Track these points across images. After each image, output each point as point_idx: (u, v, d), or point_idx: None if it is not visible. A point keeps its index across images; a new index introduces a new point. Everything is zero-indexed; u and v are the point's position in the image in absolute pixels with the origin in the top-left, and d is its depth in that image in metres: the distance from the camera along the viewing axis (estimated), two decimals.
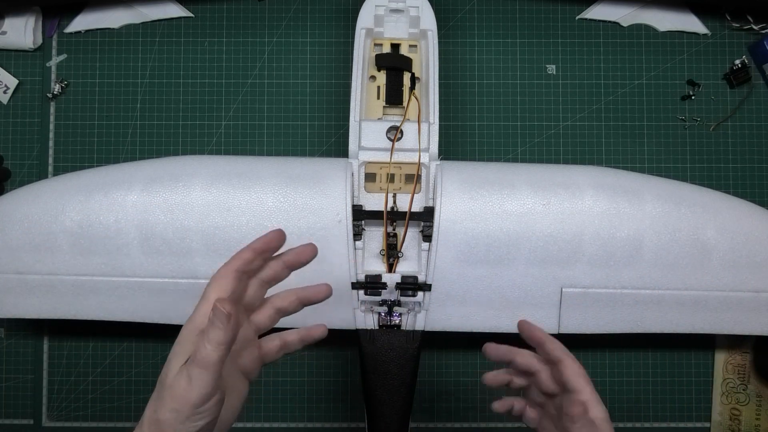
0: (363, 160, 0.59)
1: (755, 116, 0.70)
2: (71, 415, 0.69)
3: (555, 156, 0.69)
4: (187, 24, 0.70)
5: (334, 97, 0.70)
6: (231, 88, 0.70)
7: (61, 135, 0.70)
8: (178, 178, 0.57)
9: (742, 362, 0.69)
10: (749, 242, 0.58)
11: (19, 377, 0.69)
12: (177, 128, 0.70)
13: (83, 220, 0.57)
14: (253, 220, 0.56)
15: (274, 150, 0.69)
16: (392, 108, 0.62)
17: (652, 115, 0.70)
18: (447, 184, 0.56)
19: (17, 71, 0.70)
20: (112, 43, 0.70)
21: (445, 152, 0.66)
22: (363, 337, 0.58)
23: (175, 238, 0.56)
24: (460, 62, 0.70)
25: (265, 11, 0.70)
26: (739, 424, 0.68)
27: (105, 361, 0.69)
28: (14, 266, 0.58)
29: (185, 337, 0.41)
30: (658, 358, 0.69)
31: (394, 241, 0.58)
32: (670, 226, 0.57)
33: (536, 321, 0.58)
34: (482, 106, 0.70)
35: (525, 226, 0.56)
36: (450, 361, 0.69)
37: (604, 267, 0.57)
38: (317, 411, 0.69)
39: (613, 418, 0.68)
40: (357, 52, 0.61)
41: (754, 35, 0.70)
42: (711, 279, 0.58)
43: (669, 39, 0.70)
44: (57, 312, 0.59)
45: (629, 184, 0.58)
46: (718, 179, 0.69)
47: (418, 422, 0.68)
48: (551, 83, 0.70)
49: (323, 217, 0.56)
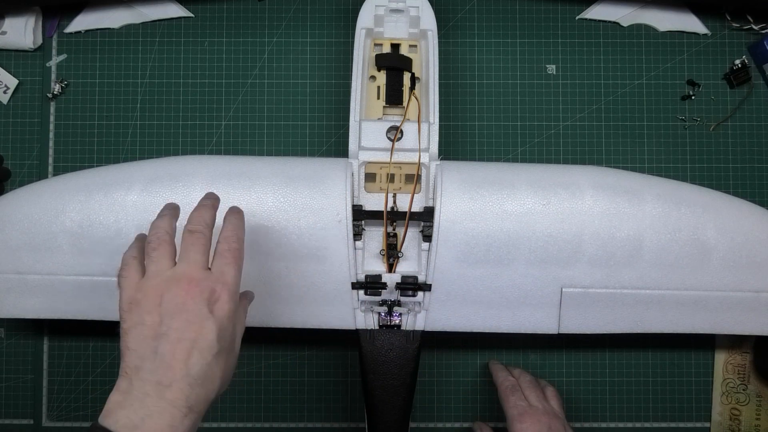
0: (363, 160, 0.59)
1: (755, 116, 0.70)
2: (71, 415, 0.69)
3: (555, 156, 0.69)
4: (187, 24, 0.70)
5: (334, 97, 0.70)
6: (231, 88, 0.70)
7: (61, 135, 0.70)
8: (178, 178, 0.57)
9: (742, 362, 0.69)
10: (749, 242, 0.58)
11: (19, 377, 0.69)
12: (177, 128, 0.70)
13: (83, 220, 0.57)
14: (253, 220, 0.56)
15: (274, 150, 0.69)
16: (392, 108, 0.62)
17: (652, 115, 0.70)
18: (447, 184, 0.56)
19: (17, 71, 0.70)
20: (112, 43, 0.70)
21: (445, 152, 0.66)
22: (363, 337, 0.58)
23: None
24: (460, 62, 0.70)
25: (265, 11, 0.70)
26: (739, 424, 0.68)
27: (105, 361, 0.69)
28: (14, 266, 0.58)
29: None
30: (658, 358, 0.69)
31: (394, 241, 0.58)
32: (670, 226, 0.57)
33: (536, 321, 0.59)
34: (482, 106, 0.70)
35: (525, 226, 0.56)
36: (450, 361, 0.69)
37: (604, 267, 0.57)
38: (317, 411, 0.69)
39: (612, 418, 0.69)
40: (357, 52, 0.61)
41: (754, 35, 0.70)
42: (711, 279, 0.58)
43: (669, 39, 0.70)
44: (57, 312, 0.59)
45: (629, 184, 0.58)
46: (718, 179, 0.69)
47: (418, 422, 0.68)
48: (551, 83, 0.70)
49: (323, 217, 0.56)
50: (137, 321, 0.42)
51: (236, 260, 0.45)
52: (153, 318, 0.42)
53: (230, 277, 0.44)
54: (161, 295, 0.43)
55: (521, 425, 0.56)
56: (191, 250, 0.45)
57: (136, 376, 0.41)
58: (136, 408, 0.40)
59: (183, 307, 0.42)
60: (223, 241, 0.46)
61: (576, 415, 0.68)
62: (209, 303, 0.43)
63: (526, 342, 0.68)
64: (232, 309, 0.44)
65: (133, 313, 0.43)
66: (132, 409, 0.40)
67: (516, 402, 0.58)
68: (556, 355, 0.69)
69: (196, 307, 0.42)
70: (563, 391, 0.67)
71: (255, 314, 0.58)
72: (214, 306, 0.43)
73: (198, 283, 0.43)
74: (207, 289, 0.43)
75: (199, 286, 0.43)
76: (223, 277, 0.44)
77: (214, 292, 0.43)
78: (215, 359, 0.42)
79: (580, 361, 0.69)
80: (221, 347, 0.43)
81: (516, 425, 0.57)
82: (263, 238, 0.56)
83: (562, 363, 0.69)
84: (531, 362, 0.69)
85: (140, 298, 0.43)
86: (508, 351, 0.69)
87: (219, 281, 0.44)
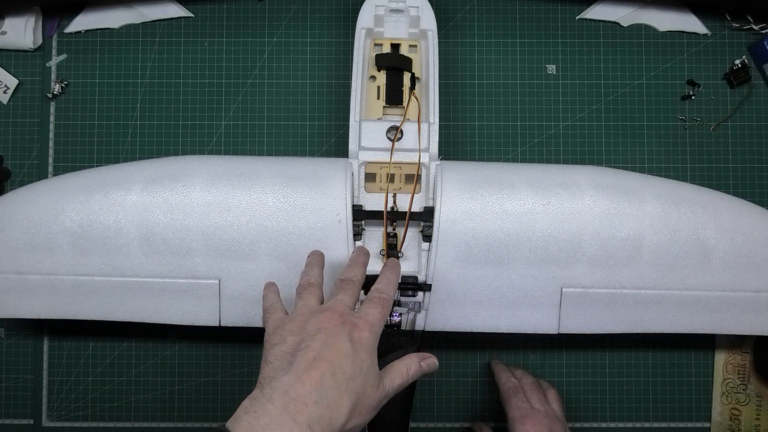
0: (363, 160, 0.59)
1: (755, 116, 0.70)
2: (71, 415, 0.69)
3: (555, 156, 0.69)
4: (187, 24, 0.70)
5: (334, 97, 0.70)
6: (231, 88, 0.70)
7: (61, 135, 0.70)
8: (178, 178, 0.57)
9: (742, 362, 0.69)
10: (749, 242, 0.58)
11: (19, 377, 0.69)
12: (177, 128, 0.70)
13: (83, 220, 0.57)
14: (253, 220, 0.56)
15: (274, 150, 0.69)
16: (392, 108, 0.62)
17: (652, 115, 0.70)
18: (447, 184, 0.56)
19: (17, 71, 0.70)
20: (112, 43, 0.70)
21: (445, 152, 0.66)
22: None
23: (175, 238, 0.56)
24: (460, 62, 0.70)
25: (265, 11, 0.70)
26: (739, 424, 0.68)
27: (105, 361, 0.69)
28: (14, 266, 0.58)
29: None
30: (658, 358, 0.69)
31: (394, 241, 0.58)
32: (670, 226, 0.57)
33: (536, 321, 0.59)
34: (482, 106, 0.70)
35: (525, 226, 0.56)
36: (450, 361, 0.69)
37: (604, 267, 0.57)
38: None
39: (612, 418, 0.69)
40: (357, 52, 0.61)
41: (754, 35, 0.70)
42: (711, 279, 0.58)
43: (669, 39, 0.70)
44: (57, 312, 0.59)
45: (629, 184, 0.58)
46: (718, 179, 0.69)
47: (418, 422, 0.68)
48: (551, 83, 0.70)
49: (323, 217, 0.56)
50: (279, 340, 0.44)
51: (384, 308, 0.47)
52: (294, 338, 0.44)
53: (374, 318, 0.46)
54: (306, 321, 0.45)
55: (523, 427, 0.56)
56: (340, 293, 0.48)
57: (268, 385, 0.41)
58: (259, 414, 0.40)
59: (324, 330, 0.44)
60: (375, 291, 0.49)
61: (576, 415, 0.68)
62: (350, 333, 0.44)
63: (526, 342, 0.68)
64: (372, 343, 0.45)
65: (277, 335, 0.45)
66: (255, 415, 0.40)
67: (518, 404, 0.58)
68: (556, 355, 0.69)
69: (336, 331, 0.44)
70: (563, 391, 0.67)
71: (255, 314, 0.58)
72: (354, 335, 0.44)
73: (342, 315, 0.45)
74: (350, 321, 0.45)
75: (342, 318, 0.45)
76: (367, 316, 0.46)
77: (356, 326, 0.45)
78: (347, 386, 0.42)
79: (580, 361, 0.69)
80: (355, 375, 0.43)
81: (517, 427, 0.57)
82: (263, 238, 0.56)
83: (562, 363, 0.69)
84: (531, 362, 0.69)
85: (286, 322, 0.46)
86: (508, 351, 0.69)
87: (363, 318, 0.46)
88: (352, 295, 0.48)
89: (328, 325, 0.44)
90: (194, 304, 0.58)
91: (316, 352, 0.42)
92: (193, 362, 0.69)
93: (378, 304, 0.47)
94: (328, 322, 0.44)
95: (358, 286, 0.49)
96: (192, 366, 0.69)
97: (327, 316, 0.45)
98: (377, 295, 0.48)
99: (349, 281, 0.49)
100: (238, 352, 0.69)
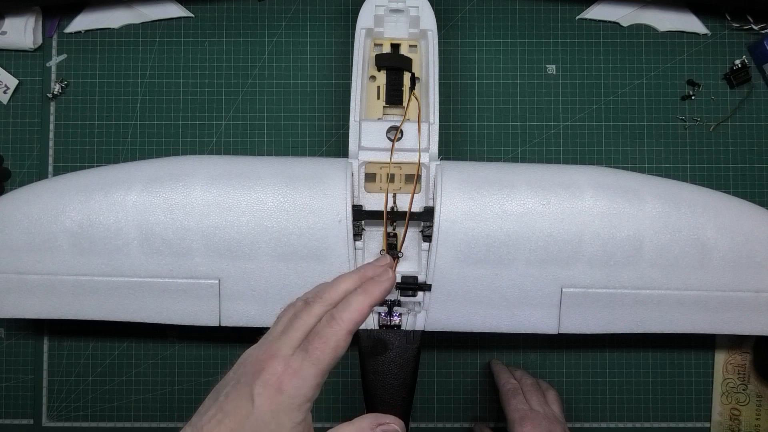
0: (363, 160, 0.59)
1: (755, 116, 0.70)
2: (71, 415, 0.69)
3: (555, 156, 0.69)
4: (187, 24, 0.70)
5: (334, 97, 0.70)
6: (231, 88, 0.70)
7: (61, 135, 0.70)
8: (178, 178, 0.57)
9: (742, 362, 0.69)
10: (749, 242, 0.58)
11: (19, 377, 0.69)
12: (177, 128, 0.70)
13: (83, 220, 0.57)
14: (253, 220, 0.56)
15: (274, 150, 0.69)
16: (392, 108, 0.62)
17: (652, 115, 0.70)
18: (447, 184, 0.56)
19: (17, 71, 0.70)
20: (112, 43, 0.70)
21: (445, 152, 0.66)
22: (363, 337, 0.58)
23: (175, 238, 0.56)
24: (460, 62, 0.70)
25: (265, 11, 0.70)
26: (739, 424, 0.68)
27: (105, 361, 0.69)
28: (14, 266, 0.58)
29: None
30: (658, 358, 0.69)
31: (394, 241, 0.58)
32: (670, 226, 0.57)
33: (536, 321, 0.58)
34: (482, 106, 0.70)
35: (525, 226, 0.56)
36: (450, 361, 0.69)
37: (604, 267, 0.57)
38: (317, 411, 0.68)
39: (612, 418, 0.69)
40: (357, 52, 0.61)
41: (754, 35, 0.70)
42: (711, 279, 0.58)
43: (669, 39, 0.70)
44: (57, 312, 0.59)
45: (629, 184, 0.58)
46: (718, 179, 0.69)
47: (418, 422, 0.68)
48: (551, 83, 0.70)
49: (323, 217, 0.56)
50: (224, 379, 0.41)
51: (331, 347, 0.39)
52: (227, 379, 0.40)
53: (308, 365, 0.39)
54: (246, 357, 0.41)
55: (522, 429, 0.56)
56: (290, 327, 0.40)
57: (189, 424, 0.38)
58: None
59: (243, 377, 0.39)
60: (329, 318, 0.40)
61: (576, 415, 0.68)
62: (264, 386, 0.38)
63: (526, 342, 0.68)
64: (297, 400, 0.38)
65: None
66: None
67: (517, 405, 0.58)
68: (556, 355, 0.69)
69: (248, 381, 0.38)
70: (563, 391, 0.67)
71: (254, 314, 0.58)
72: (266, 392, 0.38)
73: (269, 359, 0.39)
74: (272, 371, 0.38)
75: (266, 364, 0.39)
76: (300, 359, 0.39)
77: (280, 376, 0.38)
78: None
79: (580, 361, 0.69)
80: None
81: (517, 428, 0.57)
82: (263, 238, 0.56)
83: (562, 363, 0.69)
84: (531, 362, 0.69)
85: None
86: (508, 351, 0.69)
87: (291, 366, 0.38)
88: (304, 331, 0.39)
89: (249, 370, 0.37)
90: (194, 304, 0.58)
91: (223, 411, 0.37)
92: (193, 362, 0.69)
93: (322, 341, 0.38)
94: (251, 367, 0.37)
95: (318, 317, 0.40)
96: (192, 366, 0.69)
97: (254, 358, 0.38)
98: (328, 330, 0.38)
99: (312, 306, 0.40)
100: (238, 352, 0.68)
